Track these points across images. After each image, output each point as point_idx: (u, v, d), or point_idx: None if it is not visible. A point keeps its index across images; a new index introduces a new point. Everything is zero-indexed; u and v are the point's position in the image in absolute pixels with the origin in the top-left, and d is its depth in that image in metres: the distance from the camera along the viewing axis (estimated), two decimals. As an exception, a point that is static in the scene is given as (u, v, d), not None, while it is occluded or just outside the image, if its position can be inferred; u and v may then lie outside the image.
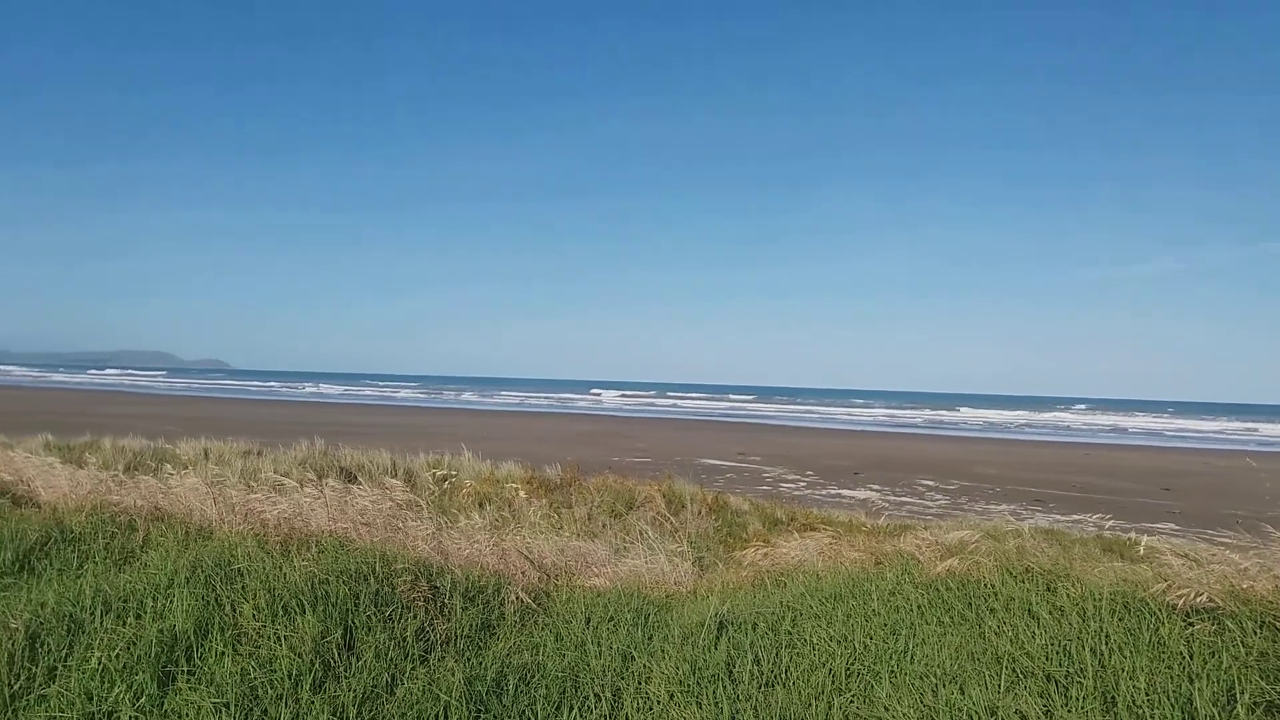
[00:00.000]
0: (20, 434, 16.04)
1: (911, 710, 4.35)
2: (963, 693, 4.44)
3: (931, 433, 51.32)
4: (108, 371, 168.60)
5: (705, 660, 5.00)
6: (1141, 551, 7.00)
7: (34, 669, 4.90)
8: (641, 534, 8.39)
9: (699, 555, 8.28)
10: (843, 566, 6.88)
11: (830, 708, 4.50)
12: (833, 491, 19.84)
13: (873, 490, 20.48)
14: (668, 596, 6.73)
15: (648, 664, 5.08)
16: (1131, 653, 4.62)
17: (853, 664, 4.98)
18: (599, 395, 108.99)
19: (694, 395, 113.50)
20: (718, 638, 5.35)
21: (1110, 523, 9.96)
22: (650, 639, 5.46)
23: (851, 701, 4.57)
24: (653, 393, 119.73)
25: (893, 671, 4.85)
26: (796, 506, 12.66)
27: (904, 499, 19.18)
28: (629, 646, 5.35)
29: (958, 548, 6.72)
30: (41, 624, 5.23)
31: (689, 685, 4.78)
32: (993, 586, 5.81)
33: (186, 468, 10.53)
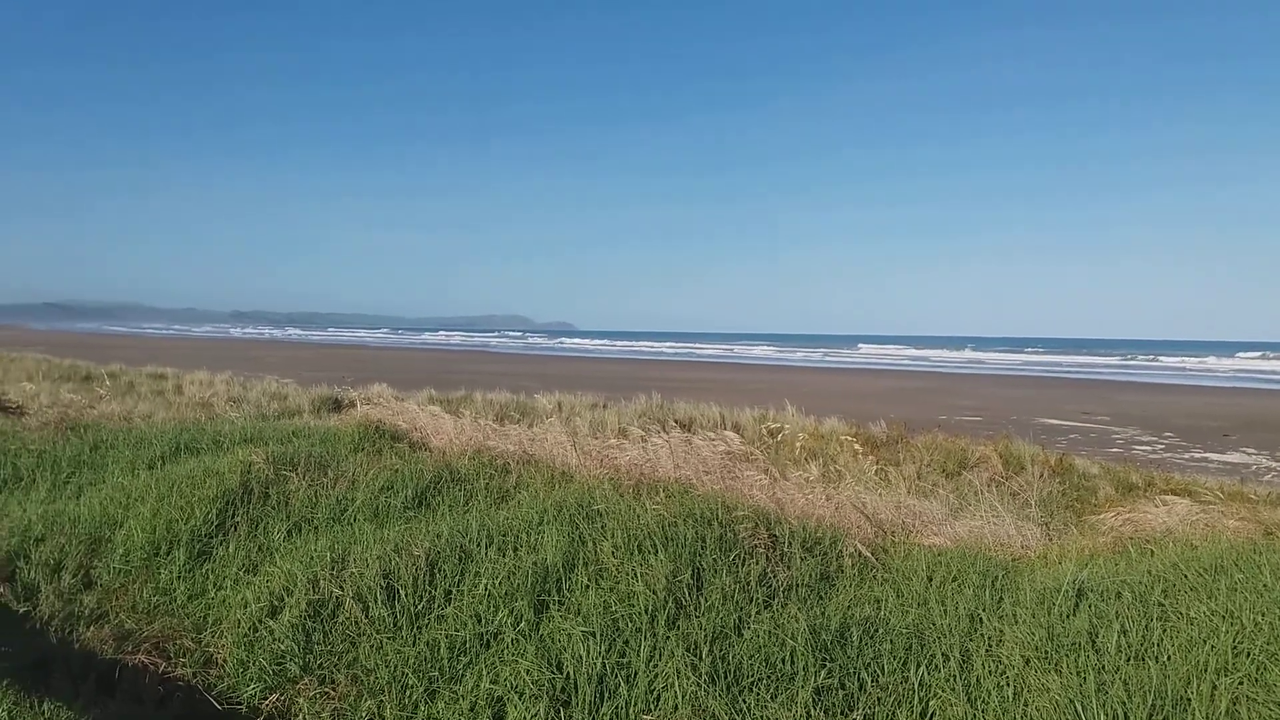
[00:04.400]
0: (409, 389, 18.56)
1: (1322, 701, 3.84)
2: (1392, 688, 3.84)
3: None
4: (487, 334, 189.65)
5: (1064, 628, 4.73)
6: None
7: (433, 591, 5.69)
8: (979, 494, 8.06)
9: (1045, 519, 7.80)
10: (1222, 536, 6.16)
11: (1215, 688, 4.08)
12: (1197, 455, 17.63)
13: (1247, 454, 17.93)
14: (1014, 560, 6.43)
15: (998, 627, 4.91)
16: None
17: (1240, 643, 4.46)
18: (863, 349, 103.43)
19: (995, 349, 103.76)
20: (1076, 605, 5.03)
21: None
22: (999, 602, 5.26)
23: (1240, 683, 4.11)
24: (928, 348, 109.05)
25: (1294, 656, 4.29)
26: (1154, 470, 11.44)
27: (1288, 465, 16.63)
28: (976, 608, 5.19)
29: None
30: (438, 552, 6.03)
31: (1046, 652, 4.56)
32: None
33: (545, 419, 11.66)
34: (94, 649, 5.82)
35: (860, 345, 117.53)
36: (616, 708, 4.50)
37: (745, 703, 4.42)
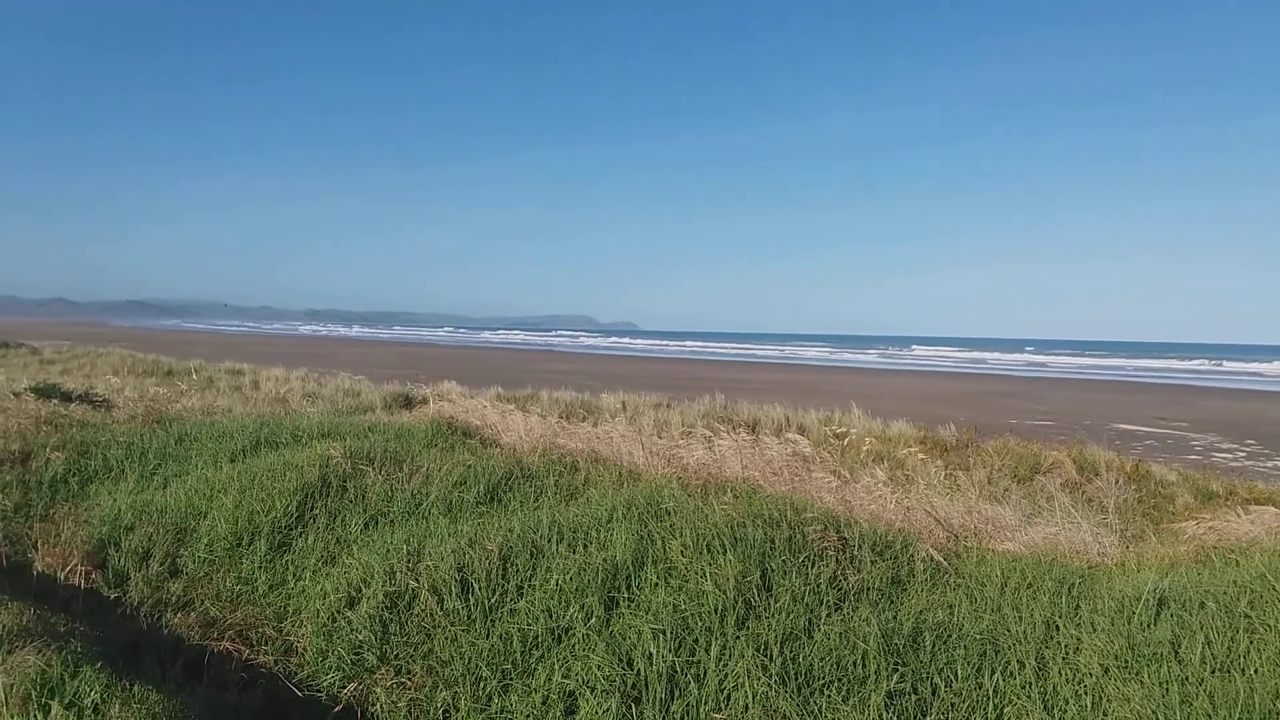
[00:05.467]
0: (478, 386, 18.88)
1: None
2: None
3: None
4: (553, 333, 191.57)
5: (1145, 637, 4.63)
6: None
7: (506, 585, 5.78)
8: (1052, 500, 7.89)
9: (1121, 526, 7.61)
10: (1313, 549, 5.94)
11: (1307, 705, 3.97)
12: (1280, 464, 17.04)
13: (1336, 463, 17.24)
14: (1090, 567, 6.29)
15: (1076, 635, 4.83)
16: None
17: (1335, 659, 4.32)
18: (918, 350, 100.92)
19: (1054, 351, 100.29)
20: (1158, 614, 4.92)
21: None
22: (1076, 609, 5.16)
23: (1335, 701, 3.99)
24: (983, 350, 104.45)
25: (1394, 673, 4.14)
26: (1236, 479, 11.08)
27: (1381, 475, 15.90)
28: (1052, 615, 5.10)
29: None
30: (510, 547, 6.13)
31: (1126, 661, 4.48)
32: None
33: (611, 417, 11.76)
34: (181, 635, 6.07)
35: (914, 346, 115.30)
36: (687, 705, 4.54)
37: (816, 704, 4.43)
